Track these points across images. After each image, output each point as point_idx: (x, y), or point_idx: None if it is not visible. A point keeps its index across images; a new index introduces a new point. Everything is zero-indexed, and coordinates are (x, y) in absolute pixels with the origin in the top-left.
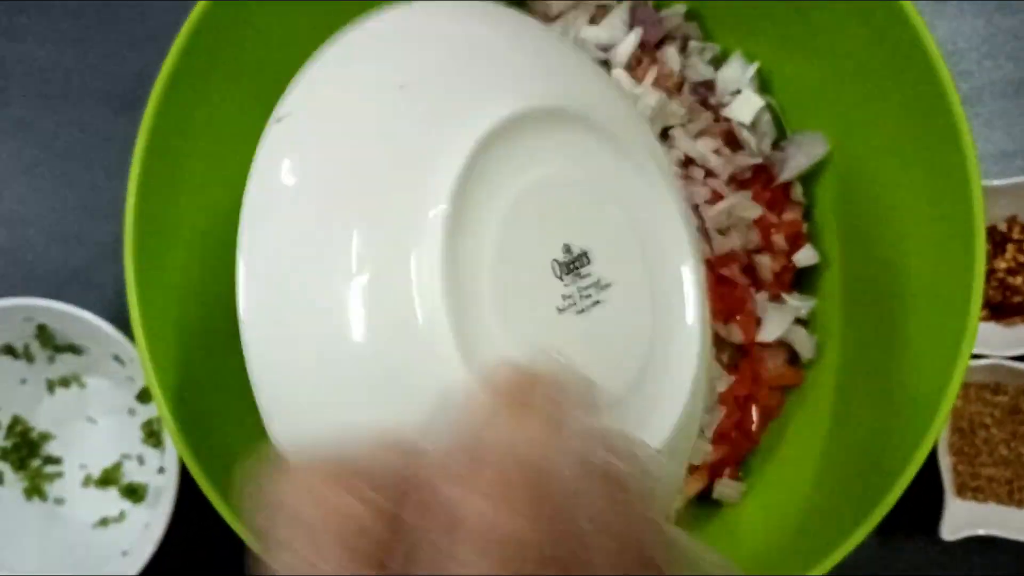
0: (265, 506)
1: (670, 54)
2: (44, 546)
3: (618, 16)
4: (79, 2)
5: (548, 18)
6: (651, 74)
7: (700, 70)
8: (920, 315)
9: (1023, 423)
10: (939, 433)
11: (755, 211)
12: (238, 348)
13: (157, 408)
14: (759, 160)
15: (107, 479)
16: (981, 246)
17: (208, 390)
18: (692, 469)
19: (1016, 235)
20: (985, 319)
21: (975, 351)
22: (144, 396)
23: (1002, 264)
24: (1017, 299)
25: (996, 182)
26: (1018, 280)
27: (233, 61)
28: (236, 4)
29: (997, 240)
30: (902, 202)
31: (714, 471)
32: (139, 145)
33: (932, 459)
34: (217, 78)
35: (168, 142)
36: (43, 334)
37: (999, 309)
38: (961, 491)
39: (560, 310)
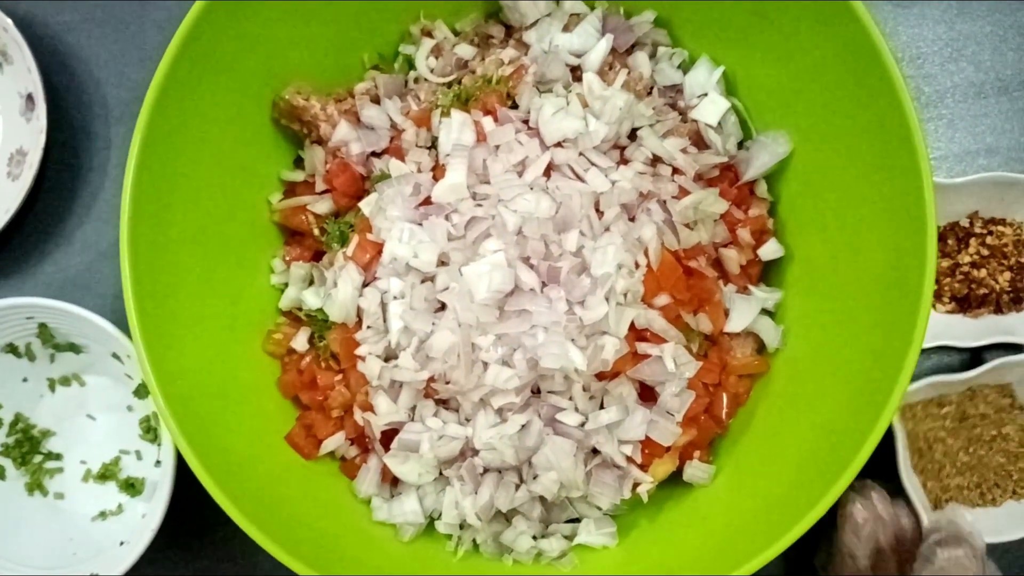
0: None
1: (640, 59)
2: (45, 539)
3: (590, 23)
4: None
5: (523, 26)
6: (621, 77)
7: (669, 74)
8: (876, 304)
9: (975, 427)
10: (893, 414)
11: (721, 206)
12: (232, 345)
13: (153, 402)
14: (725, 159)
15: (106, 474)
16: (932, 237)
17: (203, 385)
18: (663, 451)
19: (978, 229)
20: (952, 312)
21: (946, 343)
22: (141, 392)
23: (966, 258)
24: (982, 291)
25: (958, 180)
26: (982, 273)
27: (220, 73)
28: (221, 23)
29: (960, 236)
30: (859, 197)
31: (684, 454)
32: (133, 152)
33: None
34: (205, 90)
35: (161, 149)
36: (44, 333)
37: (965, 302)
38: (937, 505)
39: None
